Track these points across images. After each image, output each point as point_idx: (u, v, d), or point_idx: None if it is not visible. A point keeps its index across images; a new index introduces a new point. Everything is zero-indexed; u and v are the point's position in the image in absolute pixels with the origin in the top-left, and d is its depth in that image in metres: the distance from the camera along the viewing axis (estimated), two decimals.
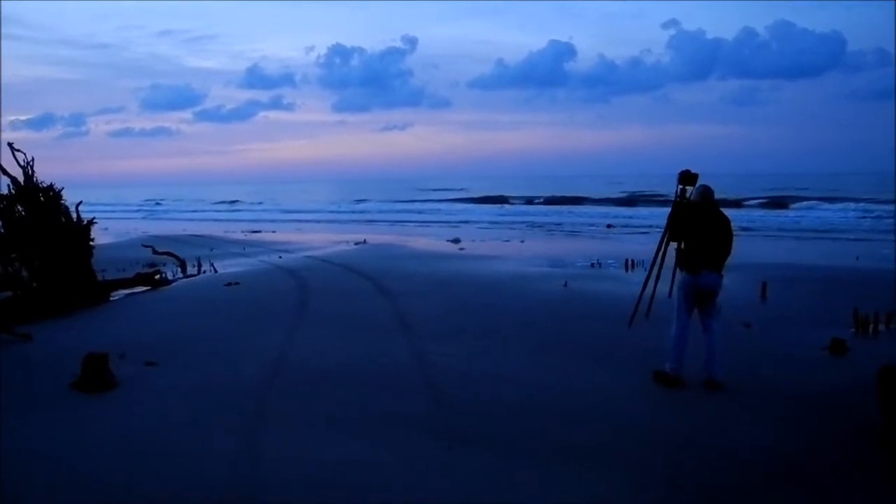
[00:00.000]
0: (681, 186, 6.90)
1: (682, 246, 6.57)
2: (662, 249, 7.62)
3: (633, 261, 14.43)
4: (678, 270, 6.63)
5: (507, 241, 24.20)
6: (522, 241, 23.58)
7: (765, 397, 6.07)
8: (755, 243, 22.56)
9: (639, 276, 6.91)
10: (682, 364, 6.39)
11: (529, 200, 54.94)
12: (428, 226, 34.78)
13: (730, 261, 6.55)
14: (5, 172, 10.86)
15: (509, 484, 4.42)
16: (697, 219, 6.46)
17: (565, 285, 11.74)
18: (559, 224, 33.91)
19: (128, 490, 4.37)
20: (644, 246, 17.55)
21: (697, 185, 6.68)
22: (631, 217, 37.36)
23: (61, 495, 4.35)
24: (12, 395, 6.27)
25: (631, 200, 50.94)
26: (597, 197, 53.33)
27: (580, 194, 55.35)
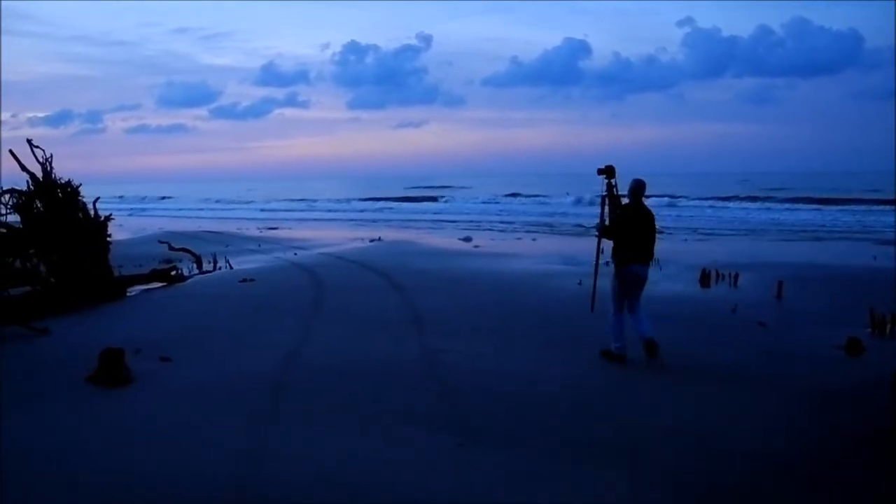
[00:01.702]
0: (607, 181, 7.25)
1: (615, 241, 7.12)
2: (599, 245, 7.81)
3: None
4: (613, 264, 7.19)
5: (520, 238, 24.17)
6: (534, 240, 23.52)
7: (776, 396, 6.04)
8: (771, 242, 22.37)
9: (652, 274, 6.93)
10: (625, 343, 7.00)
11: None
12: (443, 225, 34.74)
13: (745, 260, 6.56)
14: (24, 168, 10.98)
15: (512, 482, 4.42)
16: (630, 216, 7.05)
17: (580, 283, 11.71)
18: (572, 223, 33.77)
19: (133, 485, 4.41)
20: (658, 244, 17.40)
21: (632, 180, 7.10)
22: None
23: (68, 489, 4.39)
24: (29, 388, 6.35)
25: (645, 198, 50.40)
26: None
27: (595, 193, 54.89)
